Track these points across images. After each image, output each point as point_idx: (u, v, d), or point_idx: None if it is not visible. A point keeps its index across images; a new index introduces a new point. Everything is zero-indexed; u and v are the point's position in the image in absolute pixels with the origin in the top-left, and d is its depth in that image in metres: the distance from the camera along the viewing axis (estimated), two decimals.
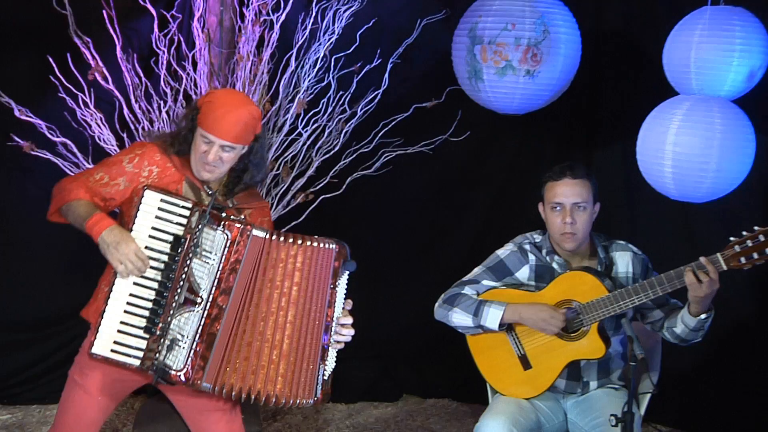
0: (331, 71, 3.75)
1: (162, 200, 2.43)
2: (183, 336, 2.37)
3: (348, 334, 2.52)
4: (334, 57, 3.74)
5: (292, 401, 2.46)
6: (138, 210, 2.41)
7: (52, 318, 4.03)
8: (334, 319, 2.50)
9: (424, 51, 3.89)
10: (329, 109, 3.82)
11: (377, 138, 3.86)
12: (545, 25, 3.29)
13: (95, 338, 2.39)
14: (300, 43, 3.70)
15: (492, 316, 2.80)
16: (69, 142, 3.69)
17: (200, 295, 2.37)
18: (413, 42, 3.82)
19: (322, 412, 3.98)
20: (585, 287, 2.76)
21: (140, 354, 2.40)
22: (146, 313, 2.42)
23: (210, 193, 2.56)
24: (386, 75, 3.80)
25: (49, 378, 3.98)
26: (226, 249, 2.36)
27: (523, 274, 2.91)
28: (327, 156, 3.83)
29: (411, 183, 4.05)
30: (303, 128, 3.78)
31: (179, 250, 2.41)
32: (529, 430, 2.72)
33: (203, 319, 2.36)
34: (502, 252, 2.95)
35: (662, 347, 3.01)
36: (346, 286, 2.53)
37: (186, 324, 2.38)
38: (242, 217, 2.49)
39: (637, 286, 2.71)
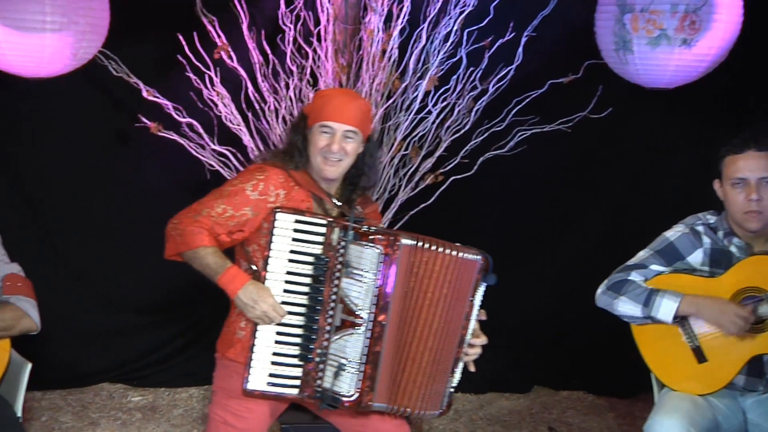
0: (463, 46, 3.57)
1: (297, 221, 2.33)
2: (348, 360, 2.28)
3: (476, 353, 2.44)
4: (466, 31, 3.56)
5: (420, 411, 2.38)
6: (273, 235, 2.32)
7: (177, 300, 4.04)
8: (469, 332, 2.40)
9: (560, 23, 3.65)
10: (458, 87, 3.66)
11: (510, 116, 3.67)
12: None
13: (249, 374, 2.31)
14: (431, 16, 3.53)
15: (665, 308, 2.57)
16: (195, 122, 3.65)
17: (360, 315, 2.27)
18: (549, 14, 3.57)
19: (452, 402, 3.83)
20: None
21: (298, 383, 2.32)
22: (299, 340, 2.33)
23: (337, 205, 2.44)
24: (520, 49, 3.59)
25: (175, 362, 4.00)
26: (381, 264, 2.25)
27: (696, 258, 2.66)
28: (457, 135, 3.66)
29: (546, 163, 3.84)
30: (432, 106, 3.63)
31: (324, 270, 2.31)
32: (707, 431, 2.48)
33: (367, 340, 2.27)
34: (672, 234, 2.70)
35: None
36: (481, 299, 2.42)
37: (348, 347, 2.28)
38: (381, 226, 2.38)
39: None
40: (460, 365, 2.42)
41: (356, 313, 2.27)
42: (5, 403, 2.53)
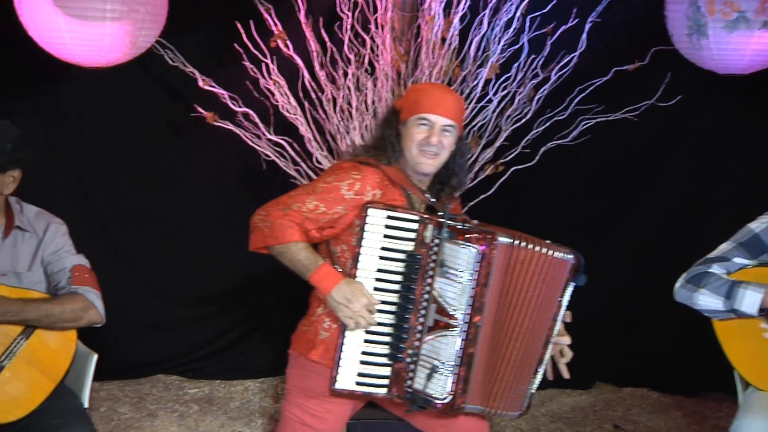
0: (525, 33, 3.47)
1: (388, 216, 2.25)
2: (442, 362, 2.21)
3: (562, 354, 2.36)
4: (528, 17, 3.47)
5: (502, 412, 2.32)
6: (364, 231, 2.24)
7: (231, 292, 4.01)
8: (554, 333, 2.33)
9: (626, 8, 3.55)
10: (519, 75, 3.56)
11: (572, 105, 3.56)
12: None
13: (338, 373, 2.25)
14: (493, 2, 3.45)
15: (749, 299, 2.47)
16: (251, 112, 3.61)
17: (455, 316, 2.19)
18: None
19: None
20: None
21: (386, 382, 2.26)
22: (388, 339, 2.26)
23: (430, 200, 2.35)
24: (584, 36, 3.49)
25: (229, 354, 3.98)
26: (477, 264, 2.17)
27: None
28: (517, 125, 3.57)
29: (610, 152, 3.74)
30: (493, 95, 3.54)
31: (416, 268, 2.24)
32: None
33: (462, 342, 2.19)
34: (757, 225, 2.59)
35: None
36: (568, 300, 2.34)
37: (442, 349, 2.21)
38: (475, 222, 2.29)
39: None
40: (543, 366, 2.35)
41: (451, 313, 2.20)
42: (72, 393, 2.52)
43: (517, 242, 2.21)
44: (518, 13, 3.45)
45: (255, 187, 3.92)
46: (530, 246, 2.23)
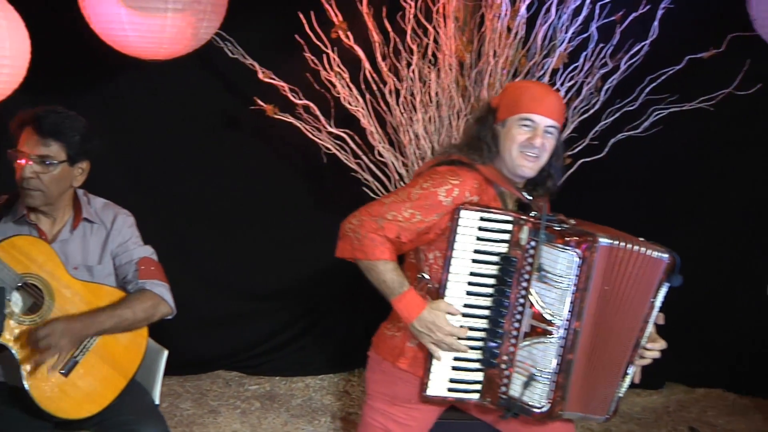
0: (594, 21, 3.36)
1: (482, 218, 2.16)
2: (540, 371, 2.12)
3: (653, 356, 2.24)
4: (598, 4, 3.35)
5: (590, 416, 2.24)
6: (456, 233, 2.15)
7: (290, 288, 3.97)
8: (645, 335, 2.22)
9: None
10: (587, 65, 3.45)
11: (643, 95, 3.44)
12: None
13: (429, 380, 2.19)
14: None
15: None
16: (311, 104, 3.55)
17: (553, 323, 2.10)
18: None
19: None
20: None
21: (479, 387, 2.19)
22: (482, 344, 2.19)
23: (527, 199, 2.25)
24: (655, 23, 3.36)
25: (289, 350, 3.94)
26: (578, 269, 2.07)
27: None
28: (585, 116, 3.46)
29: (683, 143, 3.60)
30: (560, 85, 3.43)
31: (511, 271, 2.15)
32: None
33: (561, 349, 2.10)
34: None
35: None
36: (662, 300, 2.23)
37: (540, 356, 2.12)
38: (572, 222, 2.16)
39: None
40: (632, 369, 2.24)
41: (548, 319, 2.11)
42: (143, 390, 2.48)
43: (617, 243, 2.10)
44: (587, 1, 3.34)
45: (315, 181, 3.87)
46: (629, 246, 2.12)
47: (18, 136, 2.33)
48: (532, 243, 2.11)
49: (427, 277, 2.24)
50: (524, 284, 2.13)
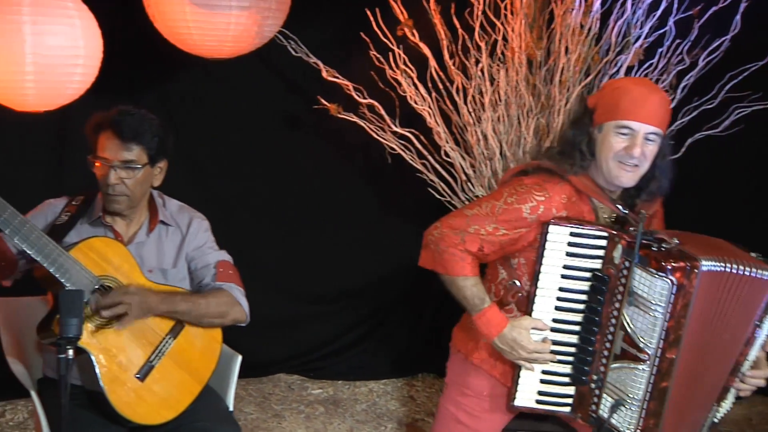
0: (672, 15, 3.23)
1: (572, 233, 2.08)
2: (629, 397, 2.03)
3: (754, 385, 2.11)
4: None
5: None
6: (544, 249, 2.09)
7: (352, 291, 3.90)
8: (747, 360, 2.08)
9: None
10: (662, 62, 3.32)
11: (722, 92, 3.30)
12: None
13: (516, 390, 2.16)
14: None
15: None
16: (376, 103, 3.48)
17: (645, 351, 2.00)
18: None
19: None
20: None
21: (570, 401, 2.13)
22: (571, 359, 2.12)
23: (622, 212, 2.12)
24: (737, 17, 3.22)
25: (351, 354, 3.86)
26: (672, 296, 1.95)
27: None
28: None
29: (766, 143, 3.46)
30: None
31: (602, 289, 2.05)
32: None
33: (653, 377, 2.00)
34: None
35: None
36: None
37: (630, 383, 2.03)
38: (675, 241, 2.02)
39: None
40: (731, 395, 2.12)
41: (640, 346, 2.00)
42: (217, 396, 2.43)
43: (722, 266, 1.97)
44: None
45: (378, 182, 3.79)
46: (736, 268, 1.98)
47: (95, 140, 2.29)
48: (626, 263, 2.00)
49: (518, 284, 2.17)
50: (617, 305, 2.03)
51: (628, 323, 2.00)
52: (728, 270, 1.97)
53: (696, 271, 1.94)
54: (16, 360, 2.30)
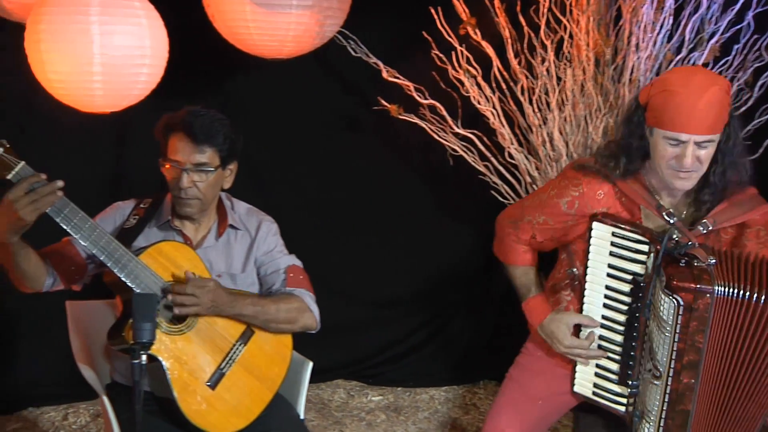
0: (751, 9, 3.09)
1: (614, 234, 2.05)
2: (647, 410, 2.02)
3: None
4: None
5: None
6: (590, 244, 2.09)
7: (409, 295, 3.82)
8: None
9: None
10: (737, 59, 3.19)
11: None
12: None
13: (575, 377, 2.19)
14: None
15: None
16: (437, 104, 3.40)
17: (657, 368, 1.97)
18: None
19: None
20: None
21: (624, 401, 2.11)
22: (618, 358, 2.12)
23: (669, 223, 2.05)
24: None
25: (409, 360, 3.79)
26: (680, 317, 1.90)
27: None
28: (737, 113, 3.19)
29: None
30: None
31: (639, 296, 2.03)
32: None
33: (666, 396, 1.96)
34: None
35: None
36: None
37: (649, 395, 2.01)
38: (712, 261, 1.93)
39: None
40: None
41: (655, 363, 1.98)
42: (287, 404, 2.37)
43: (739, 294, 1.88)
44: None
45: (439, 184, 3.71)
46: (756, 295, 1.88)
47: (165, 142, 2.24)
48: (655, 276, 1.97)
49: (576, 272, 2.17)
50: (646, 314, 2.02)
51: (650, 337, 2.00)
52: (747, 298, 1.88)
53: (708, 294, 1.88)
54: (86, 366, 2.26)
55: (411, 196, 3.76)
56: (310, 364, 2.44)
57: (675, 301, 1.88)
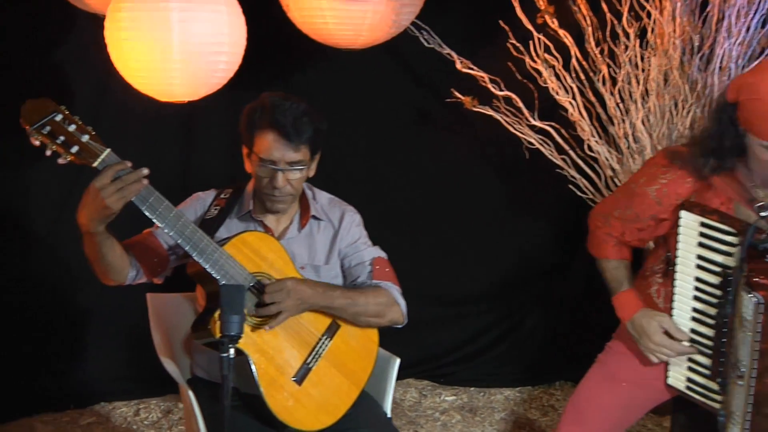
0: None
1: (702, 224, 1.96)
2: (732, 411, 1.91)
3: None
4: None
5: None
6: (678, 234, 2.00)
7: (482, 293, 3.72)
8: None
9: None
10: None
11: None
12: None
13: (669, 370, 2.10)
14: None
15: None
16: (513, 95, 3.29)
17: (740, 367, 1.87)
18: None
19: None
20: None
21: (719, 398, 1.98)
22: (709, 353, 2.00)
23: (761, 217, 1.93)
24: None
25: (483, 359, 3.69)
26: (760, 315, 1.82)
27: None
28: None
29: None
30: None
31: (728, 290, 1.91)
32: None
33: (749, 397, 1.86)
34: None
35: None
36: None
37: (734, 395, 1.91)
38: None
39: None
40: None
41: (737, 362, 1.88)
42: (374, 401, 2.29)
43: None
44: None
45: (514, 178, 3.60)
46: None
47: (251, 137, 2.14)
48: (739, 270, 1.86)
49: (671, 258, 2.06)
50: (732, 310, 1.91)
51: (734, 333, 1.90)
52: None
53: None
54: (169, 359, 2.20)
55: (485, 190, 3.65)
56: (398, 361, 2.36)
57: (755, 298, 1.81)
